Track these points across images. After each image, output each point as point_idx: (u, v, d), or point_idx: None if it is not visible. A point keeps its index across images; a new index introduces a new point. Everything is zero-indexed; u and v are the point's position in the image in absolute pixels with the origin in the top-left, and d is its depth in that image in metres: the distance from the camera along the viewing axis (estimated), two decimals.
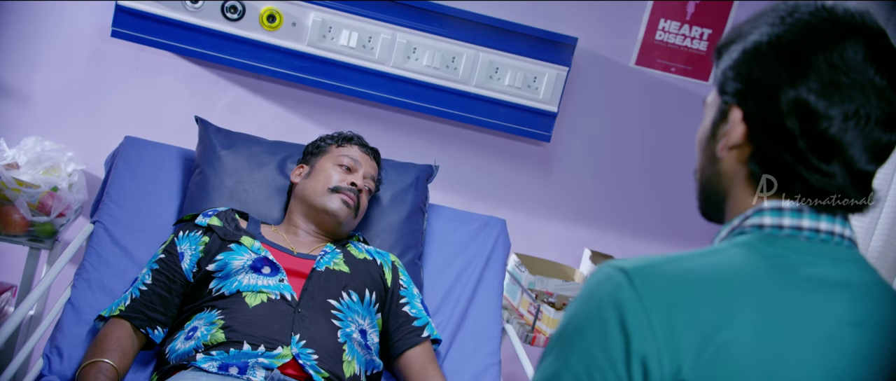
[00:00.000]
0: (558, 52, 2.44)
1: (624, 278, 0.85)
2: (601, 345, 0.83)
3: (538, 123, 2.48)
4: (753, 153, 0.92)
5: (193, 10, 2.29)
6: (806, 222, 0.90)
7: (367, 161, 2.04)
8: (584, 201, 2.62)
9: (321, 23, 2.34)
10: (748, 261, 0.88)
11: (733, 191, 0.95)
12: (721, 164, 0.95)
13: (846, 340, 0.87)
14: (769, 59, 0.91)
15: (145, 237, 2.01)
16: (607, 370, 0.83)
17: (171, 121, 2.41)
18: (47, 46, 2.34)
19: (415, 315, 1.90)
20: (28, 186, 2.06)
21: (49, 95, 2.37)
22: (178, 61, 2.40)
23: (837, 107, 0.87)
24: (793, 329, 0.85)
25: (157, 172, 2.14)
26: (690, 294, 0.84)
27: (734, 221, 0.94)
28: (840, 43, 0.88)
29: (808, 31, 0.90)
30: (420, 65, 2.40)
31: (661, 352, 0.82)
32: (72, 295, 1.84)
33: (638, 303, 0.83)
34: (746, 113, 0.92)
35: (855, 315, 0.88)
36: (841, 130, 0.87)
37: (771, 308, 0.85)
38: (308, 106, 2.46)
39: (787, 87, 0.88)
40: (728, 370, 0.82)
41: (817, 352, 0.85)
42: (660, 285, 0.84)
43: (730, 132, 0.93)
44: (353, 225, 2.00)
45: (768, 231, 0.90)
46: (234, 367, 1.62)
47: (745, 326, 0.83)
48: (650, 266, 0.86)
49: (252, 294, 1.73)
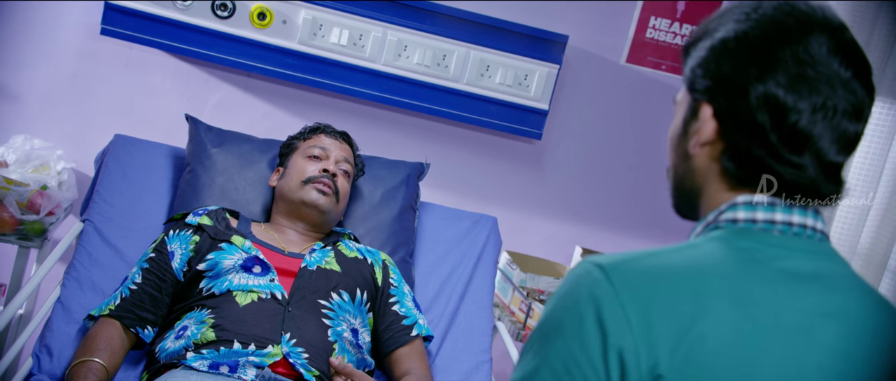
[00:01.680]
0: (549, 50, 2.44)
1: (601, 273, 0.86)
2: (579, 340, 0.84)
3: (529, 120, 2.48)
4: (725, 149, 0.93)
5: (183, 7, 2.28)
6: (779, 216, 0.92)
7: (337, 146, 2.04)
8: (575, 199, 2.62)
9: (312, 21, 2.33)
10: (723, 255, 0.89)
11: (707, 187, 0.96)
12: (693, 161, 0.97)
13: (819, 331, 0.88)
14: (737, 55, 0.92)
15: (135, 236, 2.00)
16: (585, 366, 0.83)
17: (161, 119, 2.40)
18: (36, 44, 2.33)
19: (404, 314, 1.90)
20: (17, 184, 2.05)
21: (38, 93, 2.36)
22: (168, 59, 2.39)
23: (806, 100, 0.89)
24: (766, 322, 0.86)
25: (148, 170, 2.14)
26: (666, 289, 0.85)
27: (709, 216, 0.95)
28: (805, 37, 0.90)
29: (774, 27, 0.91)
30: (411, 63, 2.40)
31: (638, 347, 0.83)
32: (61, 294, 1.83)
33: (614, 298, 0.84)
34: (717, 109, 0.93)
35: (827, 307, 0.89)
36: (810, 122, 0.89)
37: (745, 302, 0.86)
38: (299, 104, 2.46)
39: (756, 82, 0.90)
40: (703, 363, 0.83)
41: (790, 344, 0.87)
42: (636, 281, 0.85)
43: (701, 129, 0.94)
44: (338, 212, 1.99)
45: (742, 226, 0.92)
46: (224, 366, 1.62)
47: (720, 319, 0.84)
48: (626, 261, 0.87)
49: (242, 294, 1.72)
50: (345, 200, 2.00)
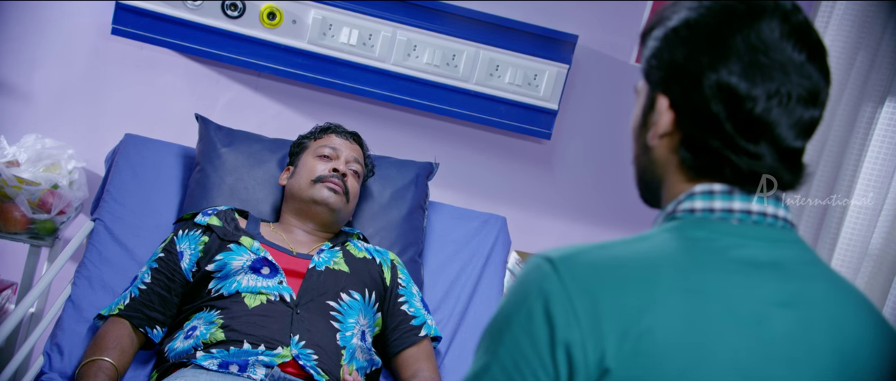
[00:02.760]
0: (559, 50, 2.43)
1: (549, 267, 0.85)
2: (527, 335, 0.84)
3: (538, 120, 2.48)
4: (682, 140, 0.92)
5: (194, 7, 2.29)
6: (737, 204, 0.90)
7: (348, 146, 2.04)
8: (585, 199, 2.62)
9: (321, 20, 2.34)
10: (675, 246, 0.88)
11: (667, 178, 0.95)
12: (653, 152, 0.96)
13: (774, 320, 0.87)
14: (689, 44, 0.91)
15: (146, 235, 2.01)
16: (533, 360, 0.83)
17: (171, 118, 2.41)
18: (48, 44, 2.34)
19: (413, 314, 1.90)
20: (28, 183, 2.06)
21: (49, 93, 2.37)
22: (178, 59, 2.40)
23: (759, 87, 0.87)
24: (718, 312, 0.85)
25: (158, 169, 2.14)
26: (615, 281, 0.84)
27: (668, 207, 0.94)
28: (756, 22, 0.89)
29: (725, 13, 0.90)
30: (420, 62, 2.40)
31: (586, 340, 0.82)
32: (72, 293, 1.84)
33: (562, 291, 0.83)
34: (672, 100, 0.92)
35: (783, 296, 0.88)
36: (765, 109, 0.88)
37: (696, 292, 0.85)
38: (308, 103, 2.46)
39: (709, 70, 0.89)
40: (652, 355, 0.82)
41: (743, 333, 0.85)
42: (584, 273, 0.85)
43: (658, 121, 0.93)
44: (348, 212, 1.99)
45: (699, 215, 0.90)
46: (234, 365, 1.62)
47: (670, 311, 0.83)
48: (576, 254, 0.86)
49: (251, 295, 1.73)
50: (354, 200, 2.00)
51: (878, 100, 2.07)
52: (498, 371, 0.85)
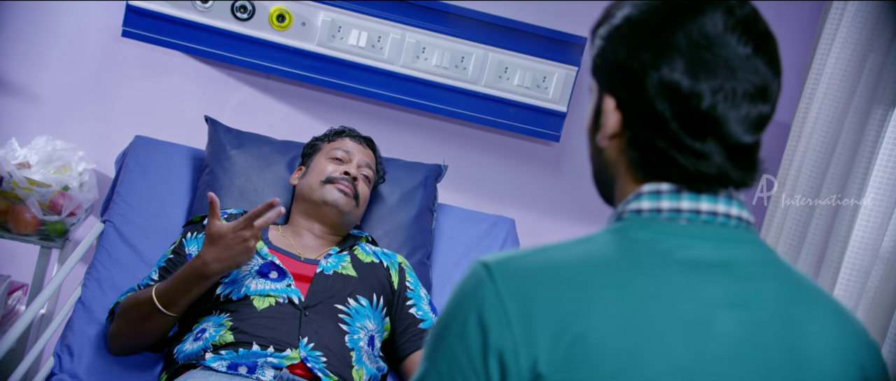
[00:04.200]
0: (567, 52, 2.43)
1: (485, 273, 0.84)
2: (461, 342, 0.83)
3: (547, 122, 2.48)
4: (630, 140, 0.90)
5: (203, 9, 2.30)
6: (685, 204, 0.88)
7: (360, 150, 2.04)
8: (594, 201, 2.59)
9: (331, 22, 2.34)
10: (614, 248, 0.86)
11: (618, 179, 0.93)
12: (604, 153, 0.94)
13: (719, 322, 0.85)
14: (631, 42, 0.88)
15: (155, 236, 2.02)
16: (466, 368, 0.82)
17: (181, 120, 2.42)
18: (58, 46, 2.35)
19: (421, 317, 1.89)
20: (39, 185, 2.07)
21: (60, 95, 2.38)
22: (187, 61, 2.41)
23: (704, 83, 0.85)
24: (658, 315, 0.83)
25: (168, 171, 2.15)
26: (548, 285, 0.83)
27: (618, 207, 0.92)
28: (698, 16, 0.86)
29: (666, 9, 0.88)
30: (429, 65, 2.40)
31: (518, 346, 0.81)
32: (82, 294, 1.85)
33: (495, 297, 0.82)
34: (618, 100, 0.90)
35: (731, 296, 0.86)
36: (711, 105, 0.85)
37: (634, 295, 0.83)
38: (318, 106, 2.47)
39: (651, 68, 0.86)
40: (586, 360, 0.81)
41: (685, 335, 0.83)
42: (518, 278, 0.83)
43: (606, 122, 0.91)
44: (357, 215, 1.99)
45: (646, 216, 0.88)
46: (243, 366, 1.62)
47: (605, 315, 0.82)
48: (512, 259, 0.85)
49: (260, 298, 1.73)
50: (364, 205, 2.00)
51: (889, 103, 2.05)
52: (435, 379, 0.84)
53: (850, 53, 2.08)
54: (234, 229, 1.63)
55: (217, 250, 1.64)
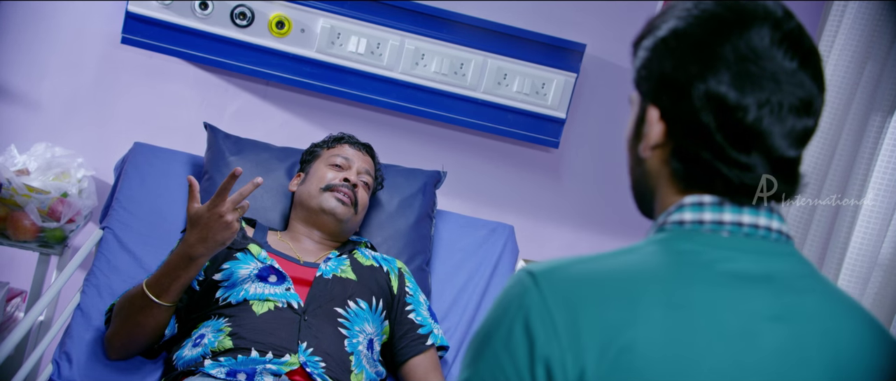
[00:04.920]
0: (567, 59, 2.43)
1: (531, 281, 0.84)
2: (507, 350, 0.83)
3: (547, 129, 2.48)
4: (673, 151, 0.90)
5: (203, 16, 2.30)
6: (727, 216, 0.88)
7: (360, 157, 2.04)
8: (593, 208, 2.61)
9: (330, 29, 2.34)
10: (660, 259, 0.87)
11: (659, 189, 0.94)
12: (646, 164, 0.94)
13: (764, 335, 0.85)
14: (678, 54, 0.89)
15: (154, 243, 2.01)
16: (512, 376, 0.82)
17: (180, 127, 2.42)
18: (57, 52, 2.36)
19: (420, 323, 1.89)
20: (38, 192, 2.07)
21: (59, 102, 2.38)
22: (187, 68, 2.41)
23: (750, 96, 0.86)
24: (704, 327, 0.84)
25: (167, 178, 2.15)
26: (595, 295, 0.83)
27: (659, 218, 0.93)
28: (745, 30, 0.87)
29: (714, 22, 0.88)
30: (428, 71, 2.40)
31: (565, 355, 0.81)
32: (81, 301, 1.85)
33: (542, 306, 0.83)
34: (663, 111, 0.91)
35: (774, 309, 0.86)
36: (757, 118, 0.86)
37: (680, 306, 0.84)
38: (317, 112, 2.47)
39: (698, 80, 0.87)
40: (633, 370, 0.81)
41: (730, 348, 0.84)
42: (565, 287, 0.84)
43: (649, 132, 0.92)
44: (356, 223, 1.99)
45: (689, 227, 0.89)
46: (242, 373, 1.62)
47: (651, 326, 0.82)
48: (558, 268, 0.85)
49: (259, 303, 1.73)
50: (363, 212, 2.00)
51: (888, 110, 2.06)
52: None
53: (850, 58, 2.09)
54: (210, 208, 1.63)
55: (198, 231, 1.64)
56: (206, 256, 1.66)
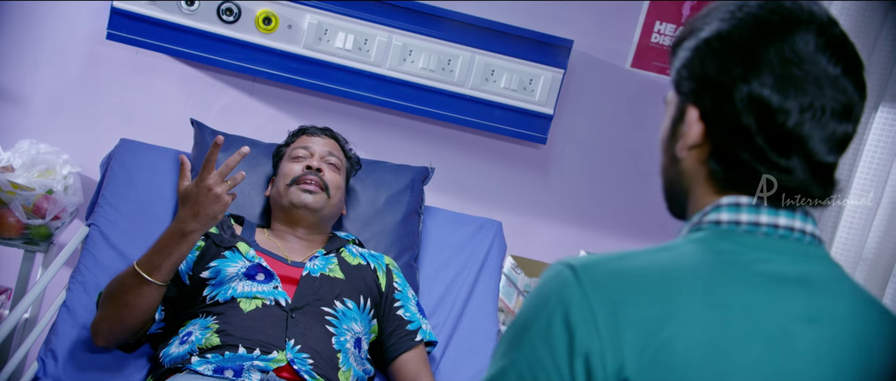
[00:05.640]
0: (554, 55, 2.44)
1: (571, 274, 0.84)
2: (545, 342, 0.83)
3: (534, 125, 2.48)
4: (712, 152, 0.91)
5: (189, 12, 2.29)
6: (764, 218, 0.89)
7: (320, 142, 2.03)
8: (580, 203, 2.62)
9: (317, 25, 2.34)
10: (699, 257, 0.87)
11: (694, 190, 0.94)
12: (682, 164, 0.95)
13: (799, 336, 0.86)
14: (721, 55, 0.90)
15: (141, 240, 2.00)
16: (550, 368, 0.82)
17: (166, 123, 2.41)
18: (42, 49, 2.34)
19: (409, 319, 1.89)
20: (23, 188, 2.06)
21: (44, 98, 2.36)
22: (173, 64, 2.40)
23: (792, 100, 0.86)
24: (741, 326, 0.84)
25: (153, 174, 2.14)
26: (636, 291, 0.84)
27: (694, 217, 0.93)
28: (790, 34, 0.88)
29: (758, 25, 0.89)
30: (416, 67, 2.40)
31: (605, 349, 0.81)
32: (67, 298, 1.84)
33: (583, 299, 0.83)
34: (703, 111, 0.91)
35: (809, 311, 0.87)
36: (798, 123, 0.87)
37: (719, 305, 0.84)
38: (304, 108, 2.46)
39: (741, 82, 0.87)
40: (672, 366, 0.81)
41: (766, 348, 0.85)
42: (606, 282, 0.84)
43: (688, 132, 0.92)
44: (334, 207, 1.97)
45: (725, 227, 0.89)
46: (229, 370, 1.62)
47: (691, 323, 0.83)
48: (598, 263, 0.86)
49: (246, 300, 1.72)
50: (338, 193, 1.98)
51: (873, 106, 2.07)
52: (513, 377, 0.84)
53: None
54: (199, 182, 1.62)
55: (190, 206, 1.63)
56: (199, 231, 1.65)
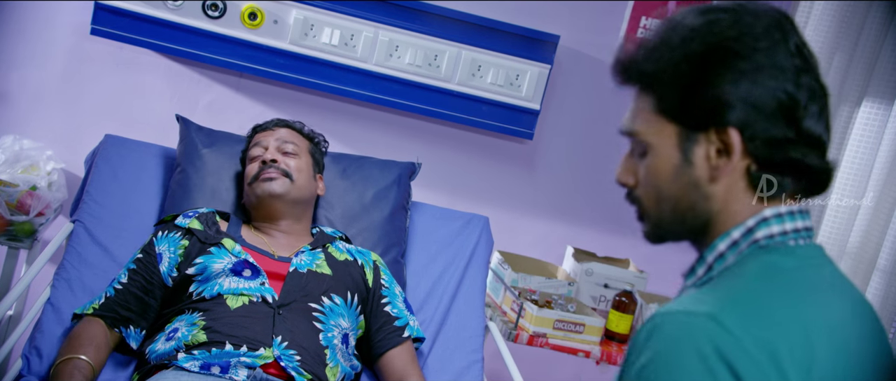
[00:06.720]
0: (541, 50, 2.44)
1: (716, 325, 0.82)
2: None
3: (521, 120, 2.49)
4: (751, 164, 0.91)
5: (174, 7, 2.27)
6: (800, 224, 0.92)
7: (271, 135, 2.01)
8: (567, 199, 2.63)
9: (303, 21, 2.33)
10: (785, 280, 0.88)
11: (724, 209, 0.93)
12: (710, 186, 0.93)
13: (852, 341, 0.89)
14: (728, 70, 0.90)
15: (126, 236, 2.00)
16: None
17: (151, 119, 2.39)
18: (26, 44, 2.32)
19: (396, 315, 1.89)
20: (6, 185, 2.04)
21: (28, 93, 2.34)
22: (158, 59, 2.38)
23: (812, 104, 0.91)
24: (839, 344, 0.87)
25: (138, 170, 2.13)
26: (780, 329, 0.84)
27: (733, 233, 0.92)
28: (783, 34, 0.91)
29: (760, 32, 0.91)
30: (402, 63, 2.40)
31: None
32: (51, 295, 1.83)
33: (739, 347, 0.81)
34: (740, 130, 0.90)
35: (847, 312, 0.91)
36: (819, 124, 0.91)
37: (817, 328, 0.86)
38: (290, 104, 2.46)
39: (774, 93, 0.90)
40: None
41: (852, 360, 0.88)
42: (750, 325, 0.82)
43: (729, 154, 0.91)
44: (304, 190, 1.95)
45: (778, 240, 0.91)
46: (215, 366, 1.61)
47: (824, 355, 0.85)
48: (728, 307, 0.84)
49: (233, 297, 1.72)
50: (303, 175, 1.96)
51: (856, 101, 2.09)
52: None
53: (818, 49, 2.11)
54: None
55: None
56: None
